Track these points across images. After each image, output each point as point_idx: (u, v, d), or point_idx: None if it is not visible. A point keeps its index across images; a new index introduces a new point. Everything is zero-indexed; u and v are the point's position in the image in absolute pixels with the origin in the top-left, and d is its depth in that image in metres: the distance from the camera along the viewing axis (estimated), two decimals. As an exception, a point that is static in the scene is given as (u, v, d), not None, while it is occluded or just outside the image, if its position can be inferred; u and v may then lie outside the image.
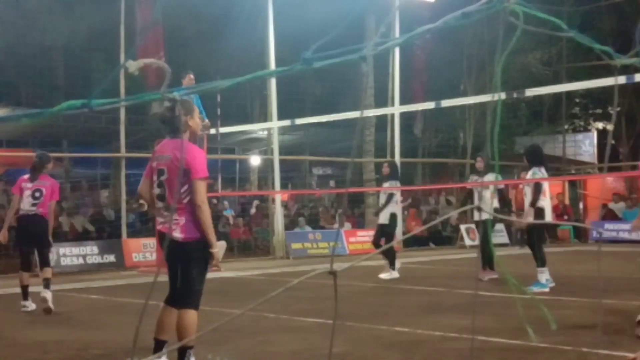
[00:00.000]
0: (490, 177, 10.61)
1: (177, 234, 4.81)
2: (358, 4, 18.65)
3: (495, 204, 10.70)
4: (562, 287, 9.80)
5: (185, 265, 4.86)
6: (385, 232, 11.60)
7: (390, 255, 11.46)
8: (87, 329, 7.16)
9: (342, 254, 15.80)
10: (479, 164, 10.88)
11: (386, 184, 11.59)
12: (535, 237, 9.67)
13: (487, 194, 10.65)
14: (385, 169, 11.73)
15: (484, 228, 10.60)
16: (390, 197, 11.52)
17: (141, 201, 5.19)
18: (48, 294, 8.54)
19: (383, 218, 11.55)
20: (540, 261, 9.48)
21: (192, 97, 13.03)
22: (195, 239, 4.82)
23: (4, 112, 16.45)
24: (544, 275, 9.46)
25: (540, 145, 11.03)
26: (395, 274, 11.32)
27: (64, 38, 18.68)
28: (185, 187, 4.85)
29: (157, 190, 4.99)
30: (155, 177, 5.01)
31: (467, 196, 11.24)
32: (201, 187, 4.83)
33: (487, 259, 10.63)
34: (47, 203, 8.60)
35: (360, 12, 18.86)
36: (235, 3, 19.70)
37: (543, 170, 9.62)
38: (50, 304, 8.31)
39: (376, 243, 11.82)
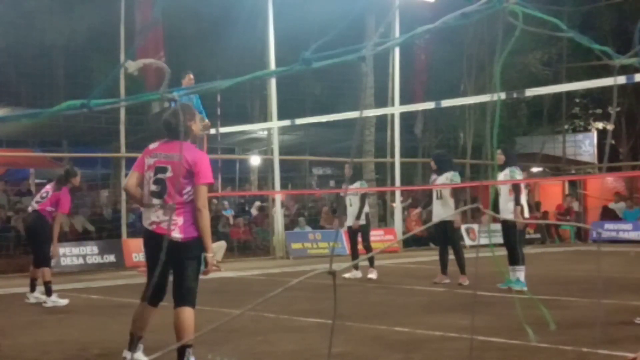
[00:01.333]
0: (448, 175, 10.57)
1: (177, 234, 4.84)
2: (358, 4, 18.65)
3: (452, 204, 10.62)
4: (562, 287, 9.80)
5: (182, 264, 4.89)
6: (363, 233, 11.53)
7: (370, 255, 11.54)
8: (87, 329, 7.17)
9: (342, 254, 15.79)
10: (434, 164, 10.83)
11: (356, 185, 11.49)
12: (517, 236, 9.65)
13: (447, 193, 10.63)
14: (348, 170, 11.71)
15: (452, 230, 10.57)
16: (364, 197, 11.54)
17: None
18: (49, 302, 8.61)
19: (353, 220, 11.47)
20: (522, 260, 9.47)
21: (192, 97, 13.07)
22: (192, 238, 4.88)
23: (4, 112, 16.45)
24: (523, 273, 9.45)
25: (515, 149, 11.09)
26: (375, 271, 11.35)
27: (64, 38, 18.67)
28: (188, 188, 4.88)
29: (153, 187, 4.97)
30: (152, 174, 4.99)
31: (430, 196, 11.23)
32: (205, 192, 4.91)
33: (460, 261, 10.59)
34: (47, 205, 8.75)
35: (360, 12, 18.86)
36: (235, 3, 19.70)
37: (515, 169, 9.67)
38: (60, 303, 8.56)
39: (356, 245, 11.64)
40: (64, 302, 8.75)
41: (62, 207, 8.73)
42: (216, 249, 13.82)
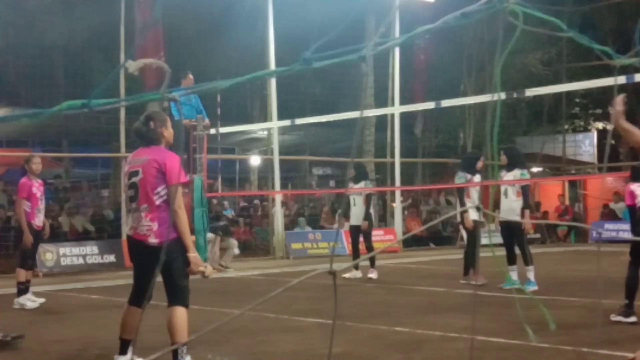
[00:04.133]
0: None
1: (153, 240, 4.94)
2: (358, 4, 18.65)
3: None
4: (562, 287, 9.80)
5: (165, 266, 4.92)
6: (364, 233, 11.50)
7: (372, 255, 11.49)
8: (87, 329, 7.17)
9: (342, 254, 15.79)
10: (480, 164, 10.42)
11: (361, 184, 11.46)
12: (522, 237, 9.65)
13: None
14: (351, 171, 11.74)
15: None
16: (369, 197, 11.53)
17: None
18: (16, 303, 8.67)
19: (357, 220, 11.41)
20: (531, 260, 9.45)
21: (190, 97, 13.07)
22: (169, 240, 4.94)
23: (4, 112, 16.44)
24: (532, 273, 9.43)
25: (519, 148, 10.84)
26: (375, 272, 11.31)
27: (64, 38, 18.67)
28: (159, 189, 4.96)
29: (129, 192, 5.10)
30: (127, 180, 5.13)
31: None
32: (178, 193, 5.01)
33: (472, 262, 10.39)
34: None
35: (360, 12, 18.85)
36: (235, 3, 19.70)
37: (526, 172, 9.65)
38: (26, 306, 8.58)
39: (357, 245, 11.56)
40: (32, 304, 8.73)
41: (19, 193, 8.67)
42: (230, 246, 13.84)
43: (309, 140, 22.51)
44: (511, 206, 9.52)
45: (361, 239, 11.49)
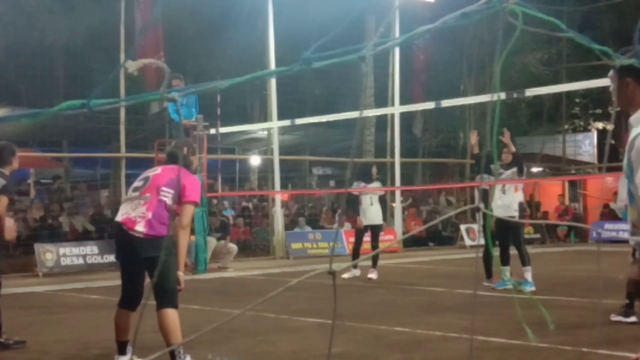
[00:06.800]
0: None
1: (140, 228, 4.85)
2: (358, 4, 18.65)
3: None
4: (562, 287, 9.80)
5: (152, 265, 4.87)
6: (374, 232, 11.52)
7: (375, 255, 11.46)
8: (87, 329, 7.17)
9: (342, 254, 15.79)
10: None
11: (375, 184, 11.55)
12: (519, 236, 9.64)
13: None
14: (374, 170, 11.91)
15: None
16: (384, 197, 11.60)
17: None
18: None
19: (376, 219, 11.48)
20: (528, 260, 9.43)
21: (190, 97, 13.06)
22: (157, 236, 4.88)
23: (4, 112, 16.43)
24: (530, 274, 9.41)
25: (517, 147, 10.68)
26: (375, 272, 11.30)
27: (64, 38, 18.65)
28: (168, 189, 4.95)
29: (137, 184, 5.11)
30: (141, 175, 5.17)
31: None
32: (190, 211, 5.00)
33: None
34: None
35: (360, 12, 18.85)
36: (235, 3, 19.69)
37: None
38: None
39: (360, 245, 11.61)
40: None
41: None
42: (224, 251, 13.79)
43: (309, 140, 22.51)
44: (507, 203, 9.44)
45: (366, 238, 11.56)
